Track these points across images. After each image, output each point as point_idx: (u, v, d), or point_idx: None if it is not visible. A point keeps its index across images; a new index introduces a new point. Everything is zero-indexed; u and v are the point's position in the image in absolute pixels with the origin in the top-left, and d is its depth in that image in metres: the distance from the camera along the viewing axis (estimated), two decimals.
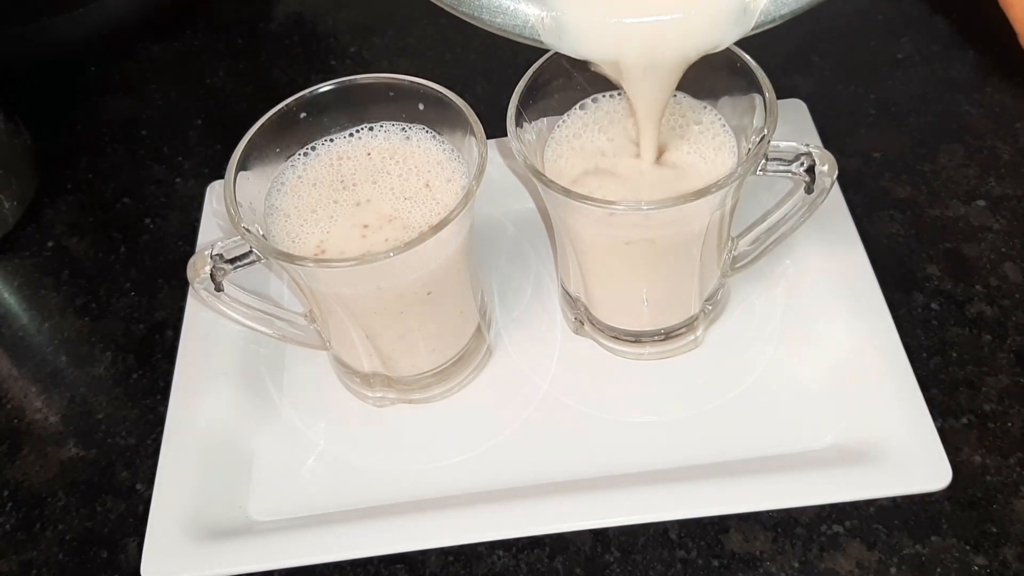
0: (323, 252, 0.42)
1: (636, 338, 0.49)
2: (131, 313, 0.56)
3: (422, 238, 0.39)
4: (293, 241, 0.43)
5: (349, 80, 0.45)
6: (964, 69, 0.62)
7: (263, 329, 0.47)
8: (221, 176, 0.51)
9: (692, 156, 0.43)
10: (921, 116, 0.60)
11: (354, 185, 0.44)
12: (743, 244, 0.47)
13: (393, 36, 0.72)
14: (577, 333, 0.51)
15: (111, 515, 0.47)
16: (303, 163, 0.46)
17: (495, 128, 0.44)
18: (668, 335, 0.49)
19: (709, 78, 0.43)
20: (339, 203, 0.44)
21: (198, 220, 0.57)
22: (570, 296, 0.50)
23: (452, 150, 0.45)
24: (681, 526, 0.43)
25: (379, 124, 0.46)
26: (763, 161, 0.42)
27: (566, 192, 0.39)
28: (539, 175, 0.40)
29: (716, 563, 0.42)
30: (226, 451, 0.47)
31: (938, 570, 0.41)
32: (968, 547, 0.42)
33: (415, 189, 0.44)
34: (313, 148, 0.46)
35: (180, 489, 0.45)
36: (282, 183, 0.45)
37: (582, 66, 0.41)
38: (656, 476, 0.44)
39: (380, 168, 0.45)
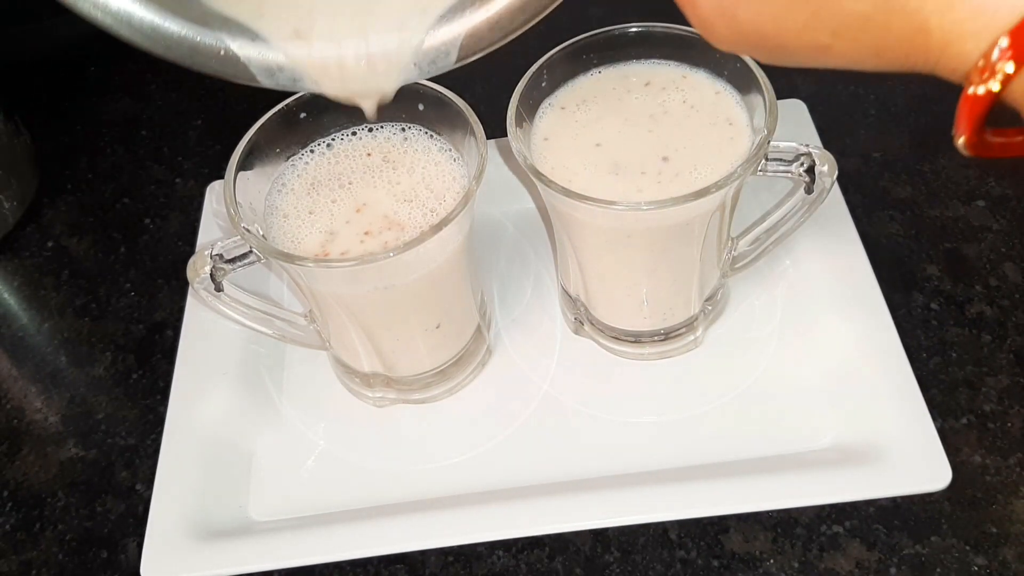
0: (324, 253, 0.42)
1: (636, 338, 0.49)
2: (131, 313, 0.56)
3: (422, 238, 0.39)
4: (292, 241, 0.43)
5: None
6: None
7: (263, 329, 0.47)
8: (221, 176, 0.51)
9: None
10: (921, 116, 0.60)
11: (351, 184, 0.44)
12: (743, 244, 0.47)
13: None
14: (577, 333, 0.51)
15: (111, 515, 0.47)
16: (303, 163, 0.46)
17: (495, 128, 0.44)
18: (668, 335, 0.49)
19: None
20: (338, 203, 0.44)
21: (198, 220, 0.57)
22: (570, 296, 0.50)
23: (452, 150, 0.45)
24: (681, 526, 0.43)
25: (379, 124, 0.46)
26: (763, 161, 0.42)
27: (566, 192, 0.39)
28: (539, 175, 0.41)
29: (716, 563, 0.42)
30: (226, 451, 0.47)
31: (938, 570, 0.41)
32: (968, 547, 0.42)
33: (415, 190, 0.44)
34: (312, 150, 0.46)
35: (180, 489, 0.45)
36: (282, 184, 0.45)
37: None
38: (656, 476, 0.44)
39: (380, 168, 0.45)
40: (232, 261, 0.42)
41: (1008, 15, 0.23)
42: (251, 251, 0.42)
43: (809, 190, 0.43)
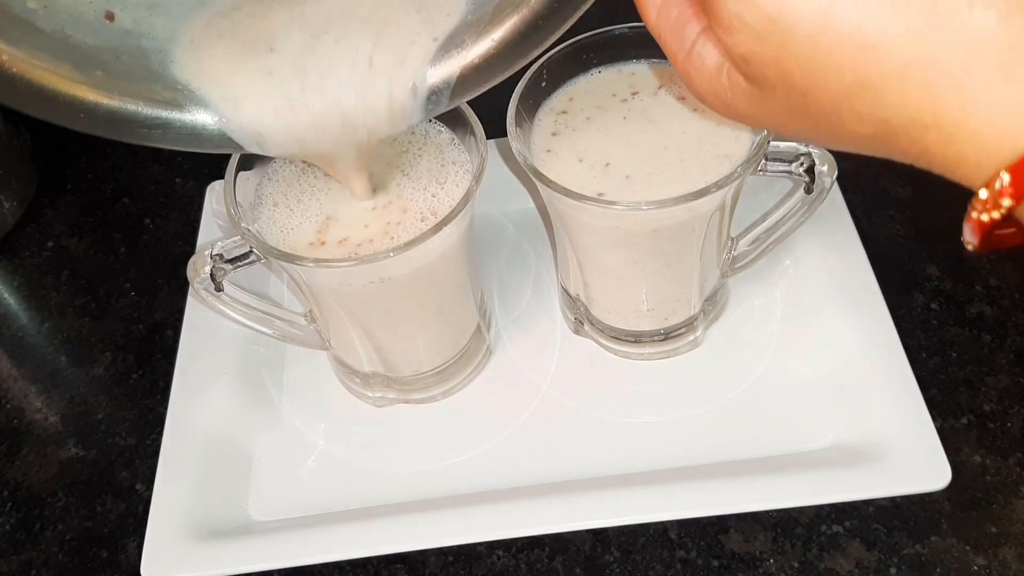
0: (320, 242, 0.41)
1: (636, 338, 0.49)
2: (131, 313, 0.56)
3: (421, 238, 0.39)
4: (281, 231, 0.42)
5: None
6: None
7: (263, 329, 0.47)
8: (221, 176, 0.51)
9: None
10: None
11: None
12: (743, 244, 0.47)
13: None
14: (577, 333, 0.51)
15: (111, 515, 0.47)
16: None
17: (495, 128, 0.44)
18: (668, 335, 0.49)
19: None
20: (333, 191, 0.43)
21: (198, 220, 0.57)
22: (570, 296, 0.50)
23: (451, 134, 0.45)
24: (681, 526, 0.43)
25: None
26: (763, 161, 0.42)
27: (566, 192, 0.39)
28: (539, 175, 0.41)
29: (716, 563, 0.42)
30: (226, 451, 0.47)
31: (938, 570, 0.41)
32: (968, 547, 0.42)
33: (416, 170, 0.43)
34: None
35: (180, 489, 0.45)
36: (274, 171, 0.45)
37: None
38: (656, 476, 0.44)
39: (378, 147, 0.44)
40: (232, 261, 0.42)
41: (1010, 151, 0.23)
42: (251, 251, 0.42)
43: (809, 190, 0.43)
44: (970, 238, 0.26)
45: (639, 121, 0.44)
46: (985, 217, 0.25)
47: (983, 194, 0.24)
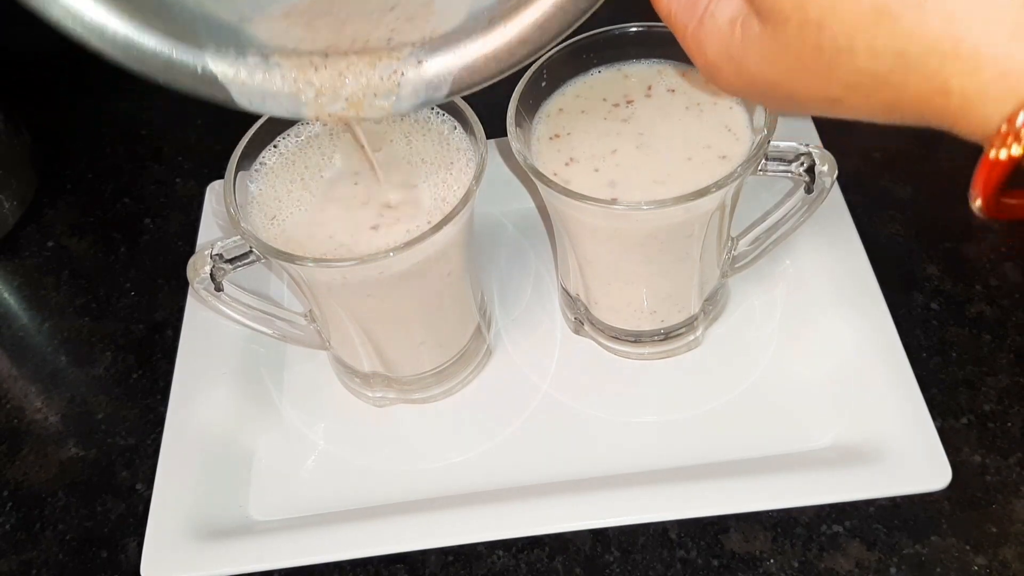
0: (304, 236, 0.41)
1: (636, 338, 0.49)
2: (131, 313, 0.56)
3: (422, 237, 0.39)
4: (272, 220, 0.42)
5: None
6: None
7: (263, 329, 0.47)
8: (221, 176, 0.51)
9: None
10: None
11: (346, 159, 0.44)
12: (743, 244, 0.47)
13: None
14: (577, 333, 0.51)
15: (111, 515, 0.47)
16: (284, 144, 0.45)
17: (495, 128, 0.44)
18: (668, 335, 0.49)
19: None
20: (326, 180, 0.43)
21: (198, 220, 0.57)
22: (570, 296, 0.50)
23: (454, 122, 0.45)
24: (681, 526, 0.43)
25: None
26: (763, 161, 0.42)
27: (566, 191, 0.39)
28: (539, 175, 0.41)
29: (716, 563, 0.42)
30: (226, 451, 0.47)
31: (938, 570, 0.41)
32: (968, 547, 0.42)
33: (429, 159, 0.43)
34: (299, 135, 0.45)
35: (180, 489, 0.45)
36: (262, 163, 0.44)
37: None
38: (656, 476, 0.44)
39: (383, 133, 0.44)
40: (232, 261, 0.42)
41: None
42: (251, 251, 0.42)
43: (809, 190, 0.43)
44: (979, 191, 0.25)
45: (640, 122, 0.44)
46: (1003, 154, 0.24)
47: (1003, 127, 0.23)
